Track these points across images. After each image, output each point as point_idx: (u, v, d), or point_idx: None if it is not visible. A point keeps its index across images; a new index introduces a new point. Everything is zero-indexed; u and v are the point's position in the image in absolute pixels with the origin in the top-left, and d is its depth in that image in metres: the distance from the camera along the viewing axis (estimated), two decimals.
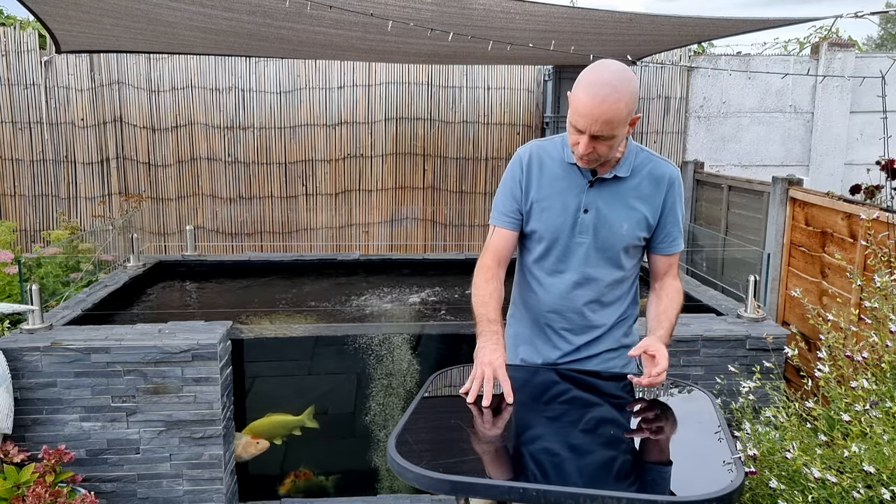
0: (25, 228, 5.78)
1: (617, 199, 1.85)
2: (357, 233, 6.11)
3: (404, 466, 1.33)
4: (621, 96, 1.64)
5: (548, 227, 1.87)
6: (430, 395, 1.75)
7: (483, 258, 1.92)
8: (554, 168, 1.88)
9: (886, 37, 18.93)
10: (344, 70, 5.82)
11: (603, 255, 1.87)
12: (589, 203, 1.84)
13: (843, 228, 3.45)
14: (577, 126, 1.69)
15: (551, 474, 1.38)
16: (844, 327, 2.01)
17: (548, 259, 1.91)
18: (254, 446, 3.08)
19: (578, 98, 1.66)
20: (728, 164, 6.18)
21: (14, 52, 5.52)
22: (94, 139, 5.72)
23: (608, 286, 1.90)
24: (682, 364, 2.70)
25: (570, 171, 1.86)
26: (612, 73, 1.65)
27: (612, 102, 1.63)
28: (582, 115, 1.66)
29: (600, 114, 1.63)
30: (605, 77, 1.65)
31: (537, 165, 1.89)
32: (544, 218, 1.87)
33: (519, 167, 1.91)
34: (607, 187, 1.85)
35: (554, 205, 1.86)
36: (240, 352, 3.14)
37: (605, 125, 1.65)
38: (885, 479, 1.48)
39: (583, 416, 1.69)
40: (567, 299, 1.89)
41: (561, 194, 1.86)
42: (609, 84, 1.63)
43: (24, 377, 2.59)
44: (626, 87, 1.65)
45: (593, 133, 1.67)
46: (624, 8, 3.40)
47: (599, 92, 1.63)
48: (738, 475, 1.29)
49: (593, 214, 1.84)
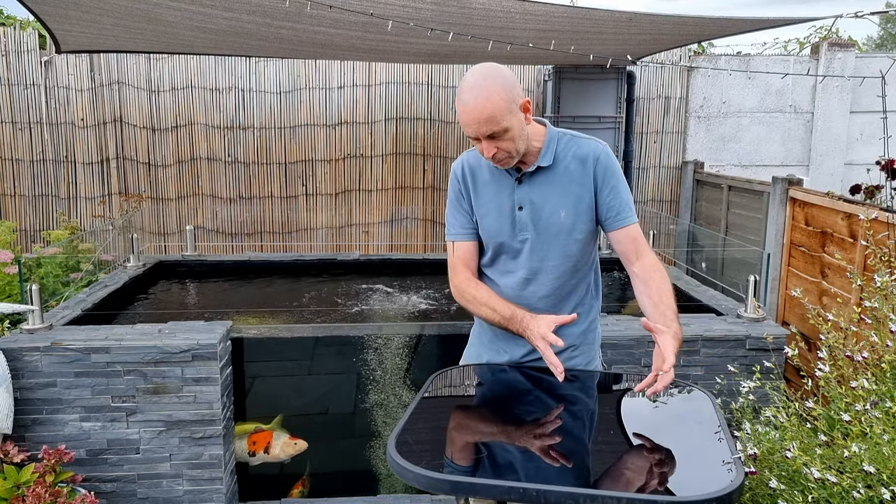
0: (25, 228, 5.78)
1: (548, 188, 1.86)
2: (357, 233, 6.11)
3: (404, 466, 1.33)
4: (491, 91, 1.68)
5: (490, 233, 1.91)
6: (429, 395, 1.75)
7: (454, 277, 1.94)
8: (484, 175, 1.92)
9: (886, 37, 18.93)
10: (344, 70, 5.82)
11: (548, 247, 1.87)
12: (521, 200, 1.86)
13: (843, 228, 3.45)
14: (470, 136, 1.74)
15: (551, 474, 1.38)
16: (844, 327, 2.01)
17: (497, 262, 1.94)
18: (292, 447, 3.04)
19: (459, 111, 1.73)
20: (728, 164, 6.18)
21: (14, 52, 5.53)
22: (94, 139, 5.72)
23: (560, 278, 1.90)
24: (682, 364, 2.70)
25: (498, 173, 1.89)
26: (476, 75, 1.71)
27: (484, 100, 1.67)
28: (467, 124, 1.71)
29: (479, 114, 1.68)
30: (471, 81, 1.70)
31: (470, 176, 1.93)
32: (485, 224, 1.91)
33: (457, 181, 1.96)
34: (536, 180, 1.86)
35: (491, 210, 1.90)
36: (240, 352, 3.14)
37: (490, 122, 1.69)
38: (885, 479, 1.48)
39: (582, 416, 1.70)
40: (521, 297, 1.89)
41: (495, 198, 1.89)
42: (476, 86, 1.69)
43: (24, 377, 2.59)
44: (493, 82, 1.70)
45: (485, 134, 1.71)
46: (624, 8, 3.40)
47: (469, 96, 1.69)
48: (738, 475, 1.29)
49: (528, 210, 1.86)
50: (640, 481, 1.35)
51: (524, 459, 1.44)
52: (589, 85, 5.47)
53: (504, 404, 1.81)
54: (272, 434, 3.06)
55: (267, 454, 3.02)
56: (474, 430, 1.65)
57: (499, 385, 1.91)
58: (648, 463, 1.41)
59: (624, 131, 5.69)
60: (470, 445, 1.55)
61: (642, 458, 1.45)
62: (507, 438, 1.55)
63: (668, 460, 1.42)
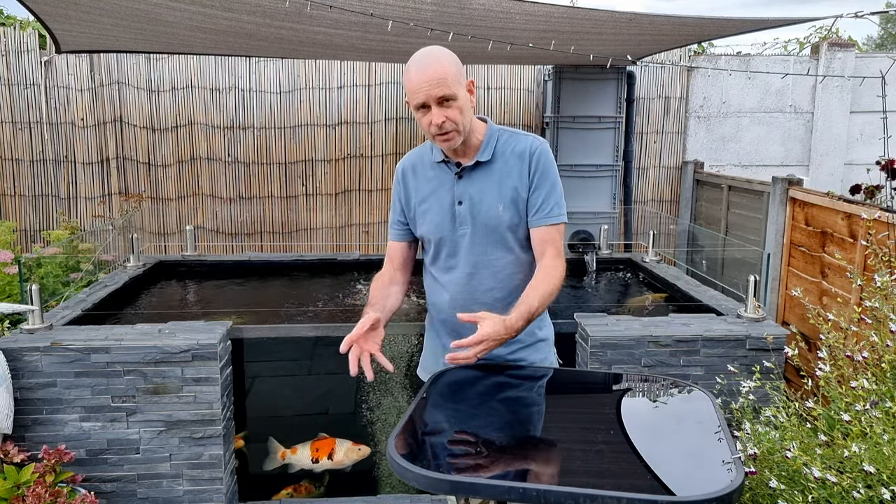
0: (25, 228, 5.78)
1: (486, 183, 1.89)
2: (357, 233, 6.11)
3: (404, 466, 1.33)
4: (441, 56, 1.77)
5: (431, 228, 1.94)
6: (429, 395, 1.75)
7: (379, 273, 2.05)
8: (426, 171, 1.96)
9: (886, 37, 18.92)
10: (344, 70, 5.82)
11: (488, 241, 1.90)
12: (461, 194, 1.90)
13: (843, 228, 3.45)
14: (420, 101, 1.77)
15: (551, 474, 1.38)
16: (845, 327, 2.01)
17: (440, 257, 1.97)
18: (356, 452, 3.05)
19: (408, 79, 1.78)
20: (728, 164, 6.18)
21: (14, 52, 5.53)
22: (94, 139, 5.72)
23: (502, 270, 1.92)
24: (682, 364, 2.70)
25: (439, 169, 1.93)
26: (427, 48, 1.80)
27: (436, 62, 1.75)
28: (416, 90, 1.75)
29: (431, 75, 1.73)
30: (422, 53, 1.79)
31: (411, 173, 1.98)
32: (427, 220, 1.95)
33: (397, 181, 2.02)
34: (475, 175, 1.89)
35: (432, 206, 1.93)
36: (240, 352, 3.14)
37: (441, 85, 1.73)
38: (885, 479, 1.48)
39: (579, 416, 1.70)
40: (466, 292, 1.92)
41: (435, 193, 1.93)
42: (427, 54, 1.78)
43: (24, 377, 2.59)
44: (442, 52, 1.79)
45: (435, 97, 1.74)
46: (624, 8, 3.40)
47: (421, 62, 1.76)
48: (738, 475, 1.29)
49: (467, 204, 1.89)
50: (641, 481, 1.35)
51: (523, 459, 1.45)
52: (589, 85, 5.47)
53: (503, 404, 1.81)
54: (335, 441, 3.09)
55: (331, 460, 3.04)
56: (473, 429, 1.65)
57: (497, 385, 1.91)
58: (648, 463, 1.40)
59: (624, 131, 5.69)
60: (470, 445, 1.55)
61: (642, 457, 1.45)
62: (506, 437, 1.55)
63: (667, 460, 1.42)
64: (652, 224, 6.04)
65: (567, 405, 1.81)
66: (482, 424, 1.65)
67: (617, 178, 5.64)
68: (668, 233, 5.97)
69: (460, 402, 1.86)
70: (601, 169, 5.56)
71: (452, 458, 1.46)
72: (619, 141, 5.58)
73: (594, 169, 5.53)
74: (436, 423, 1.65)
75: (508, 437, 1.57)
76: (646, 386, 1.91)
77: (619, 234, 5.85)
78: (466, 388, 1.87)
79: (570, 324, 2.83)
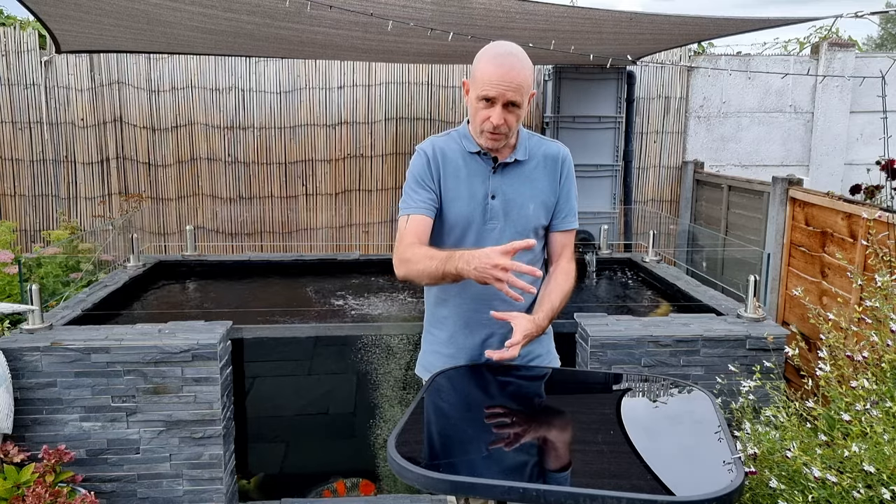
0: (25, 228, 5.78)
1: (520, 181, 1.91)
2: (357, 233, 6.11)
3: (404, 466, 1.33)
4: (525, 63, 1.77)
5: (458, 216, 1.91)
6: (429, 395, 1.75)
7: (401, 244, 1.82)
8: (456, 159, 1.92)
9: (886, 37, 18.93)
10: (344, 70, 5.82)
11: (514, 238, 1.86)
12: (495, 189, 1.90)
13: (844, 228, 3.45)
14: (489, 95, 1.75)
15: (551, 474, 1.38)
16: (845, 327, 2.01)
17: (463, 246, 1.90)
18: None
19: (487, 69, 1.75)
20: (728, 164, 6.18)
21: (14, 52, 5.53)
22: (94, 139, 5.72)
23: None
24: (682, 364, 2.70)
25: (472, 160, 1.91)
26: (509, 45, 1.80)
27: (519, 69, 1.75)
28: (494, 84, 1.74)
29: (512, 77, 1.73)
30: (508, 48, 1.78)
31: (441, 157, 1.91)
32: (454, 208, 1.90)
33: (426, 158, 1.91)
34: (510, 172, 1.91)
35: (461, 194, 1.90)
36: (240, 352, 3.14)
37: (517, 91, 1.75)
38: (885, 479, 1.48)
39: (579, 416, 1.70)
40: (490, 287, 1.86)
41: (467, 183, 1.90)
42: (513, 54, 1.77)
43: (24, 377, 2.59)
44: (526, 58, 1.79)
45: (507, 100, 1.75)
46: (624, 8, 3.40)
47: (506, 61, 1.75)
48: (738, 475, 1.29)
49: (501, 199, 1.89)
50: (641, 481, 1.35)
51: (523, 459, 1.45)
52: (589, 85, 5.47)
53: (503, 404, 1.81)
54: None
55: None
56: (473, 429, 1.65)
57: (497, 385, 1.91)
58: (648, 463, 1.40)
59: (624, 131, 5.69)
60: (470, 445, 1.55)
61: (642, 457, 1.45)
62: (506, 438, 1.55)
63: (668, 460, 1.42)
64: (652, 224, 6.03)
65: (567, 405, 1.81)
66: (482, 424, 1.65)
67: (617, 178, 5.64)
68: (668, 233, 5.97)
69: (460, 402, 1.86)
70: (601, 169, 5.56)
71: (452, 457, 1.46)
72: (619, 141, 5.58)
73: (594, 169, 5.54)
74: (436, 422, 1.65)
75: (508, 436, 1.57)
76: (646, 386, 1.91)
77: (619, 234, 5.85)
78: (466, 387, 1.87)
79: (570, 324, 2.83)
